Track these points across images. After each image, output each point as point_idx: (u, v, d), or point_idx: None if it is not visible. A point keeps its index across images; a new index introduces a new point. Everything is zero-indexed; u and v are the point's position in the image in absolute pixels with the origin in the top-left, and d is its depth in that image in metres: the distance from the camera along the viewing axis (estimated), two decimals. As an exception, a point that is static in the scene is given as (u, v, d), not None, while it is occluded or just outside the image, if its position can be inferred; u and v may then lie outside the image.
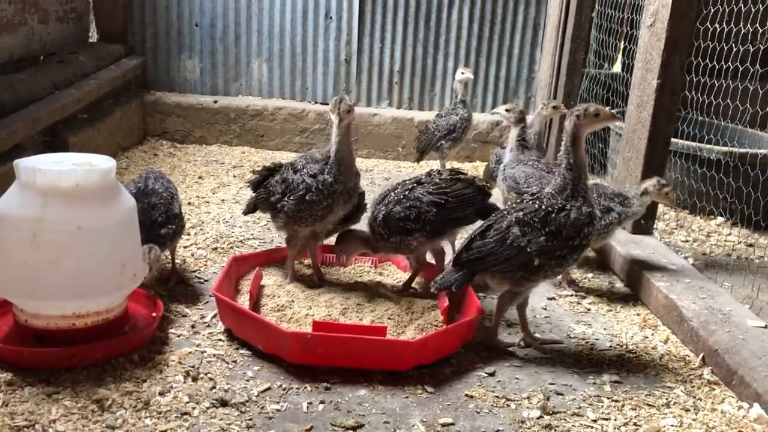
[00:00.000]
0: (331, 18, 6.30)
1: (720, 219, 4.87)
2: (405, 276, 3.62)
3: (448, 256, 3.72)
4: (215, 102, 6.33)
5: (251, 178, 3.58)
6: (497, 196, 4.02)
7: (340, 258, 3.70)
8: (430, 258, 3.56)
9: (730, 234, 4.68)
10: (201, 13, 6.26)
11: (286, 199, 3.30)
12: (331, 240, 3.58)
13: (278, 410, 2.53)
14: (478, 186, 3.34)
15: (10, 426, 2.26)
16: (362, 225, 3.54)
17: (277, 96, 6.51)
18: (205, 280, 3.56)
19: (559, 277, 3.68)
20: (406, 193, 3.27)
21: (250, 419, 2.45)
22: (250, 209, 3.62)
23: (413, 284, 3.54)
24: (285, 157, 6.20)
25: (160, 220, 3.22)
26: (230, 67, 6.43)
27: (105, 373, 2.62)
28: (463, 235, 4.04)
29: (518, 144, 4.16)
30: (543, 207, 2.91)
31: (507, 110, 4.23)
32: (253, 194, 3.55)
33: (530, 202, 2.98)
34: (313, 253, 3.55)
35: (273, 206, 3.40)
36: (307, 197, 3.23)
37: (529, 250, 2.87)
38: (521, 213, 2.93)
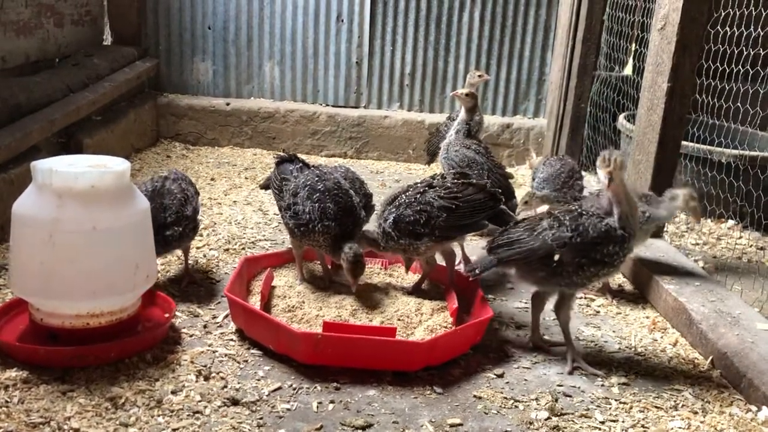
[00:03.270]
0: (342, 21, 6.34)
1: (731, 222, 4.86)
2: (414, 278, 3.64)
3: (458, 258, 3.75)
4: (227, 104, 6.38)
5: (281, 154, 3.69)
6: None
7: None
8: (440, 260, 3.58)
9: (740, 237, 4.67)
10: (213, 16, 6.32)
11: (289, 215, 3.31)
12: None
13: (288, 409, 2.56)
14: (489, 192, 3.35)
15: (26, 423, 2.30)
16: (369, 225, 3.56)
17: (289, 98, 6.55)
18: (217, 281, 3.60)
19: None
20: (417, 196, 3.28)
21: (261, 418, 2.49)
22: (264, 186, 3.87)
23: (422, 286, 3.56)
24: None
25: (168, 221, 3.27)
26: (242, 69, 6.48)
27: (118, 371, 2.67)
28: (473, 238, 4.09)
29: (464, 128, 4.45)
30: (579, 210, 2.92)
31: (466, 95, 4.48)
32: (275, 169, 3.61)
33: (570, 206, 3.03)
34: (321, 255, 3.57)
35: (279, 208, 3.46)
36: (302, 229, 3.25)
37: (550, 242, 2.88)
38: (557, 211, 2.98)
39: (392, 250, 3.38)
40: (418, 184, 3.38)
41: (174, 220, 3.29)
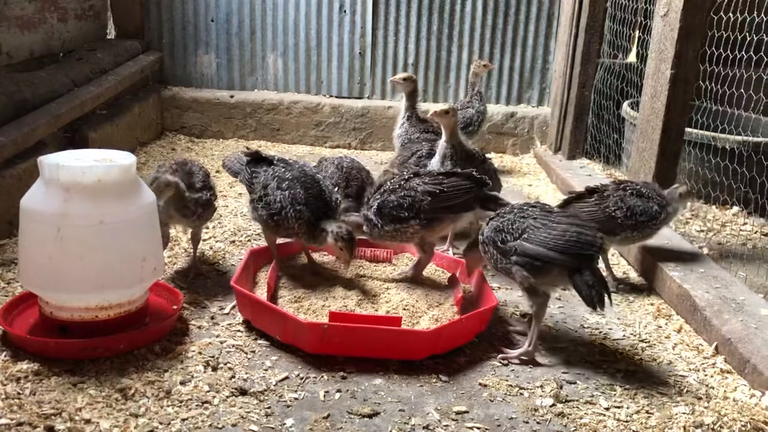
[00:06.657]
0: (345, 11, 6.33)
1: (735, 209, 4.86)
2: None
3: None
4: (231, 96, 6.40)
5: (248, 151, 3.63)
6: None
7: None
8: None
9: (745, 224, 4.67)
10: (216, 9, 6.32)
11: (261, 206, 3.35)
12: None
13: (296, 399, 2.59)
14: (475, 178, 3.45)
15: (38, 414, 2.34)
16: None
17: (293, 90, 6.56)
18: (224, 273, 3.63)
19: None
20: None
21: (269, 407, 2.52)
22: (227, 167, 3.79)
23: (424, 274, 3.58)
24: (300, 150, 6.26)
25: (198, 186, 3.38)
26: (246, 61, 6.49)
27: (128, 363, 2.70)
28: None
29: (413, 113, 4.66)
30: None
31: (404, 79, 4.65)
32: (246, 164, 3.59)
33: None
34: (304, 245, 3.58)
35: (250, 201, 3.48)
36: (275, 218, 3.30)
37: None
38: None
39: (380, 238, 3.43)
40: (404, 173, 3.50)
41: (202, 186, 3.41)
